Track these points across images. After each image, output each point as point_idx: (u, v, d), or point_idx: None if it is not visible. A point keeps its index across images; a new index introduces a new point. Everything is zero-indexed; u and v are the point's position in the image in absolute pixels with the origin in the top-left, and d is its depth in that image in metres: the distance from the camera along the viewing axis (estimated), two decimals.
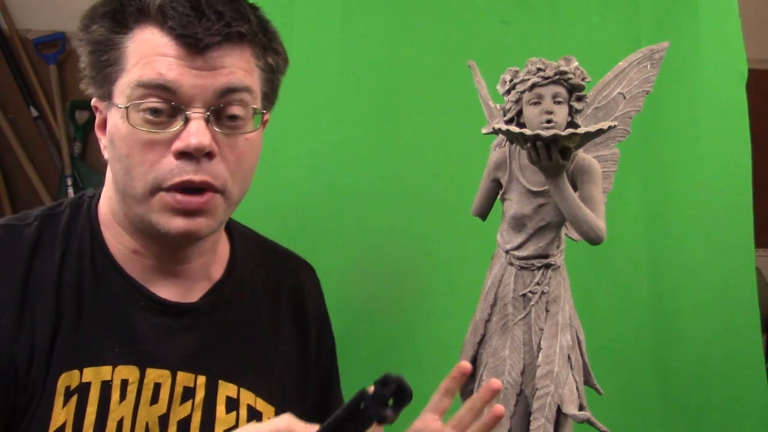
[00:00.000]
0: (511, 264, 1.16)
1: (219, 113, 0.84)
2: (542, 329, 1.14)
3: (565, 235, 1.20)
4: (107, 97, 0.85)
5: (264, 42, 0.89)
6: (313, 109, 1.58)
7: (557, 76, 1.09)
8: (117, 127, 0.84)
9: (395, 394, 0.67)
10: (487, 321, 1.18)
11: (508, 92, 1.13)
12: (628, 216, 1.61)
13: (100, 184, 0.96)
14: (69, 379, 0.85)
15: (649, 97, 1.23)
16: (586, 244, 1.13)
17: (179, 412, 0.89)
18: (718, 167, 1.64)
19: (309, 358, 1.05)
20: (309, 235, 1.57)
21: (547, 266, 1.15)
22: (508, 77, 1.13)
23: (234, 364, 0.94)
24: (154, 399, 0.87)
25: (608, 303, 1.60)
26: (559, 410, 1.13)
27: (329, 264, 1.58)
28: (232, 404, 0.92)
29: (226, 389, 0.92)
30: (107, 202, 0.92)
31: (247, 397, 0.93)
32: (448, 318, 1.55)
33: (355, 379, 1.59)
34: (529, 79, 1.10)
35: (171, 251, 0.91)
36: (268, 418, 0.93)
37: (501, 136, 1.18)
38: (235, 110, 0.86)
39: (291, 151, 1.57)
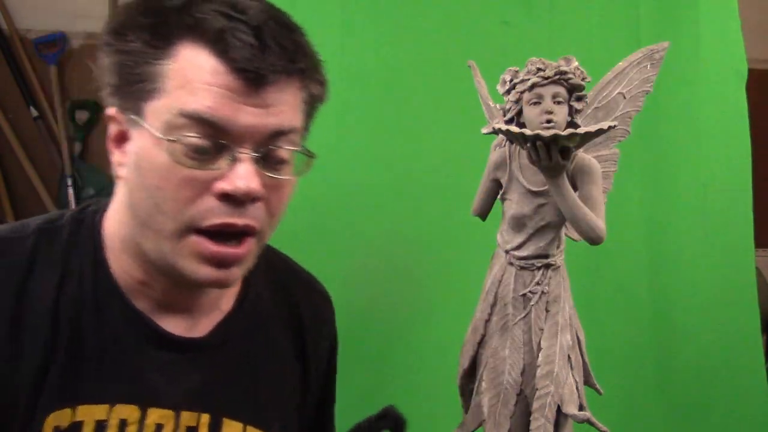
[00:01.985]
0: (511, 264, 1.16)
1: (267, 155, 0.76)
2: (542, 329, 1.14)
3: (565, 235, 1.20)
4: (134, 112, 0.75)
5: (315, 75, 0.81)
6: None
7: (557, 76, 1.09)
8: (149, 154, 0.74)
9: (394, 426, 0.67)
10: (487, 321, 1.18)
11: (508, 92, 1.13)
12: (628, 216, 1.61)
13: (100, 184, 0.92)
14: (58, 418, 0.77)
15: (649, 97, 1.23)
16: (586, 244, 1.13)
17: None
18: (718, 167, 1.64)
19: (310, 388, 0.99)
20: (309, 235, 1.57)
21: (547, 266, 1.15)
22: (508, 77, 1.13)
23: (240, 400, 0.87)
24: None
25: (608, 303, 1.60)
26: (559, 410, 1.13)
27: (329, 264, 1.58)
28: None
29: (231, 427, 0.85)
30: (116, 226, 0.83)
31: None
32: (448, 318, 1.55)
33: (355, 379, 1.60)
34: (529, 79, 1.10)
35: (179, 285, 0.82)
36: None
37: (501, 136, 1.18)
38: (283, 153, 0.78)
39: None
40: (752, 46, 1.66)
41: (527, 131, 1.04)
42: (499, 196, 1.20)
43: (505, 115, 1.13)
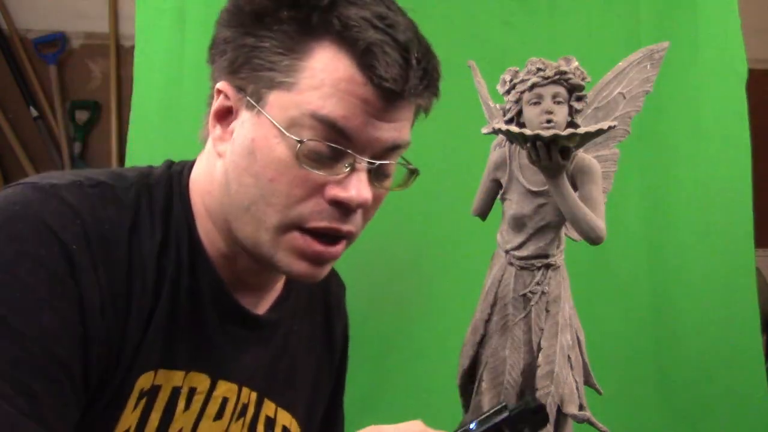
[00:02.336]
0: (511, 264, 1.16)
1: (379, 167, 0.77)
2: (542, 329, 1.14)
3: (565, 235, 1.20)
4: (254, 98, 0.75)
5: (436, 96, 0.81)
6: None
7: (557, 76, 1.09)
8: (267, 144, 0.74)
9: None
10: (487, 321, 1.18)
11: (508, 92, 1.13)
12: (628, 216, 1.61)
13: None
14: (145, 380, 0.77)
15: (649, 97, 1.23)
16: (586, 244, 1.13)
17: (233, 429, 0.83)
18: (718, 167, 1.64)
19: (331, 376, 1.01)
20: None
21: (547, 266, 1.15)
22: (508, 77, 1.13)
23: (278, 382, 0.89)
24: (219, 414, 0.82)
25: (608, 303, 1.60)
26: (559, 410, 1.13)
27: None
28: (269, 424, 0.87)
29: (268, 408, 0.87)
30: (204, 195, 0.82)
31: (283, 418, 0.89)
32: (448, 318, 1.55)
33: (355, 378, 1.60)
34: (529, 79, 1.10)
35: (261, 268, 0.83)
36: None
37: (501, 136, 1.18)
38: (392, 167, 0.79)
39: None
40: (752, 46, 1.66)
41: (527, 131, 1.04)
42: (499, 196, 1.20)
43: (505, 115, 1.13)
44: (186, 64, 1.54)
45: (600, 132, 1.05)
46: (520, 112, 1.11)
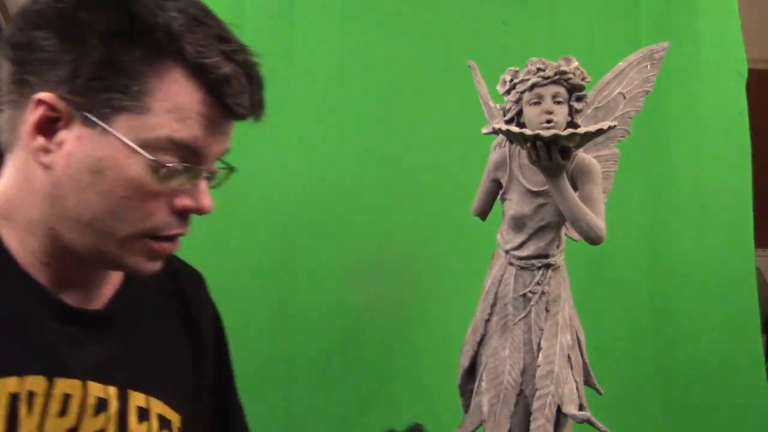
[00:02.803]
0: (511, 264, 1.17)
1: (212, 174, 0.83)
2: (542, 329, 1.14)
3: (565, 235, 1.20)
4: (98, 117, 0.77)
5: None
6: (313, 109, 1.59)
7: (557, 76, 1.09)
8: (119, 163, 0.77)
9: None
10: (487, 321, 1.18)
11: (508, 92, 1.13)
12: (628, 216, 1.61)
13: None
14: None
15: (649, 97, 1.23)
16: (586, 244, 1.13)
17: (91, 424, 0.84)
18: (718, 167, 1.64)
19: (203, 363, 1.03)
20: (308, 235, 1.58)
21: (547, 266, 1.15)
22: (508, 77, 1.13)
23: (141, 373, 0.90)
24: (63, 411, 0.82)
25: (608, 303, 1.60)
26: (559, 410, 1.13)
27: (329, 265, 1.58)
28: (143, 414, 0.88)
29: (136, 399, 0.88)
30: (19, 205, 0.83)
31: (157, 406, 0.89)
32: (448, 318, 1.55)
33: (356, 379, 1.60)
34: (529, 79, 1.10)
35: (82, 263, 0.85)
36: (177, 428, 0.92)
37: (501, 136, 1.18)
38: (218, 170, 0.84)
39: (291, 151, 1.58)
40: (752, 46, 1.66)
41: (527, 131, 1.04)
42: (499, 196, 1.20)
43: (505, 115, 1.13)
44: None
45: (600, 132, 1.05)
46: (520, 112, 1.12)
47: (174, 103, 0.76)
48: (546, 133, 1.03)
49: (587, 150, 1.17)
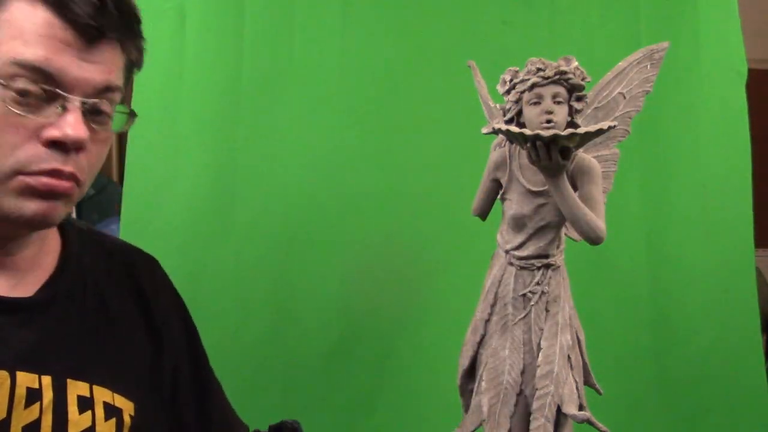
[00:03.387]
0: (511, 264, 1.17)
1: (93, 108, 0.81)
2: (542, 329, 1.14)
3: (565, 235, 1.20)
4: None
5: (139, 42, 0.86)
6: (313, 109, 1.58)
7: (557, 76, 1.09)
8: None
9: None
10: (487, 321, 1.18)
11: (508, 92, 1.13)
12: (628, 216, 1.61)
13: (100, 183, 0.91)
14: None
15: (649, 97, 1.23)
16: (586, 244, 1.13)
17: (24, 416, 0.80)
18: (718, 167, 1.64)
19: (162, 349, 1.00)
20: (308, 236, 1.57)
21: (547, 266, 1.15)
22: (508, 77, 1.13)
23: (83, 361, 0.87)
24: None
25: (608, 303, 1.60)
26: (559, 410, 1.13)
27: (330, 265, 1.58)
28: (86, 403, 0.85)
29: (77, 388, 0.85)
30: None
31: (102, 395, 0.87)
32: (448, 318, 1.55)
33: (355, 379, 1.60)
34: (529, 79, 1.10)
35: (1, 239, 0.83)
36: (129, 415, 0.88)
37: (501, 136, 1.18)
38: (105, 108, 0.83)
39: (291, 151, 1.57)
40: (752, 46, 1.66)
41: (527, 131, 1.04)
42: (499, 196, 1.20)
43: (505, 115, 1.13)
44: (186, 64, 1.54)
45: (600, 132, 1.06)
46: (520, 112, 1.12)
47: (17, 28, 0.76)
48: (546, 133, 1.03)
49: (587, 150, 1.17)
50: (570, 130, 1.04)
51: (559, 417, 1.13)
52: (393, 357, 1.58)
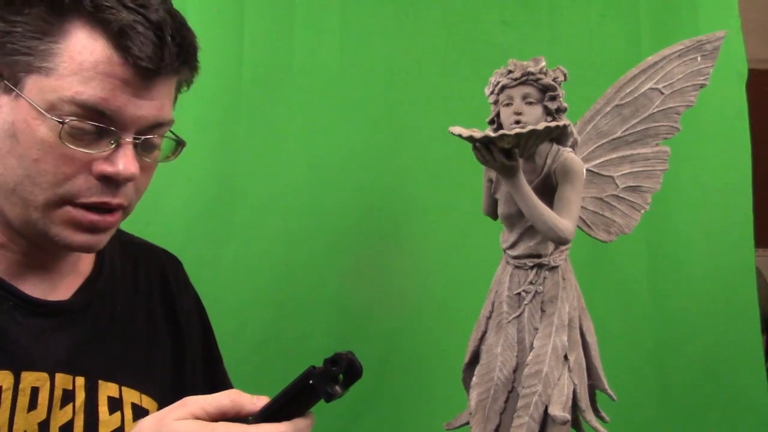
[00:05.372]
0: (508, 263, 1.17)
1: (144, 143, 0.81)
2: (536, 328, 1.14)
3: (589, 235, 1.18)
4: (11, 81, 0.76)
5: (193, 69, 0.85)
6: (313, 109, 1.59)
7: (524, 77, 1.10)
8: (29, 126, 0.76)
9: (345, 371, 0.67)
10: (488, 318, 1.18)
11: (490, 94, 1.14)
12: None
13: None
14: None
15: None
16: (586, 244, 1.13)
17: (60, 417, 0.82)
18: (718, 167, 1.64)
19: (185, 349, 1.01)
20: (308, 235, 1.57)
21: (540, 266, 1.14)
22: (492, 79, 1.14)
23: (113, 363, 0.89)
24: (32, 405, 0.81)
25: (608, 303, 1.60)
26: (546, 411, 1.12)
27: (330, 265, 1.58)
28: (115, 404, 0.87)
29: (107, 389, 0.87)
30: None
31: (130, 396, 0.89)
32: (448, 318, 1.55)
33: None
34: (499, 82, 1.11)
35: (39, 247, 0.84)
36: None
37: None
38: (157, 140, 0.83)
39: (291, 151, 1.58)
40: (752, 46, 1.66)
41: (465, 132, 1.04)
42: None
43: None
44: None
45: (548, 131, 1.04)
46: (499, 114, 1.13)
47: (77, 62, 0.75)
48: (477, 135, 1.03)
49: (619, 148, 1.15)
50: (501, 132, 1.03)
51: (547, 417, 1.13)
52: (393, 357, 1.58)
